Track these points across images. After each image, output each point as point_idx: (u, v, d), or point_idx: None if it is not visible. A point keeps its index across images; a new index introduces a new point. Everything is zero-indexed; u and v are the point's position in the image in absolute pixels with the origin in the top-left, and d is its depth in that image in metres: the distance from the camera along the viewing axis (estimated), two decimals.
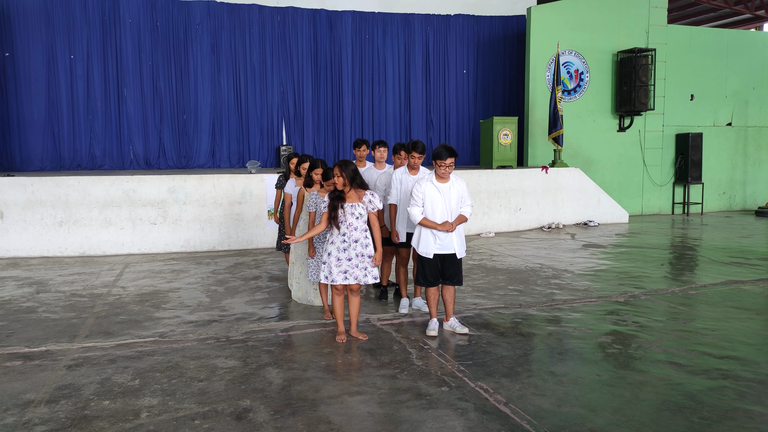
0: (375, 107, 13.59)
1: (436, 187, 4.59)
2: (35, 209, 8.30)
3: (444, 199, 4.56)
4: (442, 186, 4.59)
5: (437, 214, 4.56)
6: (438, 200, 4.56)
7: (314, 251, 5.17)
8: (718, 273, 7.03)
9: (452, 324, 4.79)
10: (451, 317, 4.82)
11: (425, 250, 4.63)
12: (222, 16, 12.41)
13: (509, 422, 3.17)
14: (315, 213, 5.12)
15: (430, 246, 4.61)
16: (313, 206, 5.12)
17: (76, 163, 11.71)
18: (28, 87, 11.35)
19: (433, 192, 4.58)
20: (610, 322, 5.04)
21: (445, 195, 4.57)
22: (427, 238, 4.62)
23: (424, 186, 4.60)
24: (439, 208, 4.56)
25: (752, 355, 4.20)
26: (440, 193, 4.57)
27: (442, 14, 13.91)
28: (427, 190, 4.58)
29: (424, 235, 4.65)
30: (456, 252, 4.64)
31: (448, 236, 4.59)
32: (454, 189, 4.61)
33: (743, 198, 14.68)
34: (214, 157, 12.53)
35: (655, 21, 13.36)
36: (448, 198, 4.58)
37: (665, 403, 3.39)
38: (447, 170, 4.54)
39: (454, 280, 4.72)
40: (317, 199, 5.06)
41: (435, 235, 4.59)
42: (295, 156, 6.38)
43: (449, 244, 4.61)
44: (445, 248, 4.61)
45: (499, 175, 10.72)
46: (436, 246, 4.60)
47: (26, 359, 4.21)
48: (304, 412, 3.33)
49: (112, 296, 6.11)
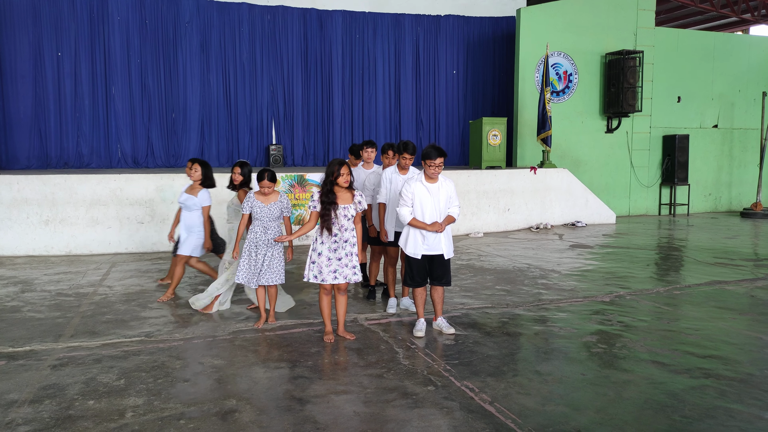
0: (365, 107, 13.59)
1: (425, 187, 4.60)
2: (21, 208, 8.22)
3: (433, 200, 4.58)
4: (432, 186, 4.60)
5: (426, 215, 4.58)
6: (427, 200, 4.57)
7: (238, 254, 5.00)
8: (703, 273, 7.11)
9: (440, 324, 4.80)
10: (439, 317, 4.83)
11: (413, 250, 4.65)
12: (211, 14, 12.36)
13: (494, 421, 3.20)
14: (249, 216, 4.93)
15: (418, 246, 4.63)
16: (247, 208, 4.87)
17: (63, 162, 11.60)
18: (14, 85, 11.23)
19: (422, 192, 4.59)
20: (595, 322, 5.09)
21: (434, 195, 4.59)
22: (415, 239, 4.64)
23: (414, 186, 4.60)
24: (429, 209, 4.58)
25: (734, 354, 4.25)
26: (429, 194, 4.59)
27: (432, 14, 13.94)
28: (416, 191, 4.59)
29: (412, 236, 4.66)
30: (444, 253, 4.66)
31: (436, 237, 4.61)
32: (443, 189, 4.63)
33: (729, 199, 14.84)
34: (203, 156, 12.44)
35: (643, 23, 13.48)
36: (437, 198, 4.59)
37: (648, 402, 3.44)
38: (436, 170, 4.55)
39: (443, 280, 4.74)
40: (253, 202, 4.87)
41: (423, 236, 4.61)
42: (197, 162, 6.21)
43: (437, 244, 4.63)
44: (432, 249, 4.63)
45: (488, 176, 10.77)
46: (423, 247, 4.62)
47: (10, 359, 4.17)
48: (290, 411, 3.33)
49: (99, 295, 6.08)
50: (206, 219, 5.77)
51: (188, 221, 5.71)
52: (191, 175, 5.74)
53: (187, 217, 5.71)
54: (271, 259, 4.87)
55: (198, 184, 5.75)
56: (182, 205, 5.75)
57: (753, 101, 14.64)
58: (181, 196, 5.77)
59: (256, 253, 4.83)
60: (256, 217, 4.83)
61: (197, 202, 5.69)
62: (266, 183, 4.81)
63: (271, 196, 4.89)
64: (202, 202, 5.71)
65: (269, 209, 4.83)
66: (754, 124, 14.63)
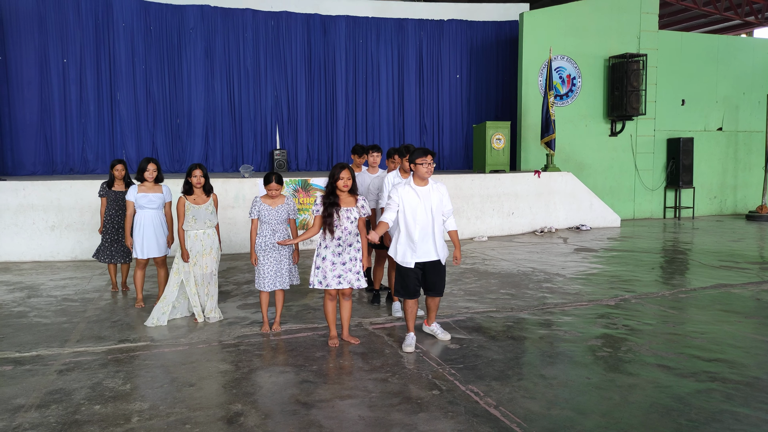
0: (369, 112, 13.64)
1: (414, 191, 4.39)
2: (27, 213, 8.27)
3: (423, 204, 4.37)
4: (421, 189, 4.40)
5: (418, 220, 4.37)
6: (418, 205, 4.36)
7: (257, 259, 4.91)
8: (708, 277, 7.08)
9: (434, 330, 4.70)
10: (433, 323, 4.72)
11: (402, 258, 4.45)
12: (216, 21, 12.44)
13: (499, 425, 3.19)
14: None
15: (407, 255, 4.42)
16: (255, 213, 4.84)
17: (69, 168, 11.68)
18: (20, 91, 11.32)
19: (411, 196, 4.38)
20: (600, 326, 5.08)
21: (424, 199, 4.37)
22: (404, 249, 4.44)
23: (402, 191, 4.39)
24: (420, 213, 4.37)
25: (740, 357, 4.24)
26: (419, 198, 4.37)
27: (435, 19, 13.98)
28: (404, 195, 4.38)
29: (401, 245, 4.46)
30: (440, 258, 4.47)
31: (427, 244, 4.40)
32: (434, 193, 4.43)
33: (734, 202, 14.79)
34: (208, 161, 12.52)
35: (647, 27, 13.48)
36: (428, 202, 4.38)
37: (654, 406, 3.42)
38: (430, 167, 4.33)
39: (437, 290, 4.54)
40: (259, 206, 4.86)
41: (413, 243, 4.39)
42: (119, 162, 6.27)
43: (428, 251, 4.43)
44: (424, 256, 4.42)
45: (492, 180, 10.77)
46: (414, 255, 4.40)
47: (17, 364, 4.19)
48: (295, 415, 3.33)
49: (104, 300, 6.10)
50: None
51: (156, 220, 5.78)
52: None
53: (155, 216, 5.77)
54: (280, 262, 4.88)
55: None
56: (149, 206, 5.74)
57: (757, 104, 14.61)
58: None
59: (265, 256, 4.85)
60: (264, 220, 4.85)
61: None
62: (274, 186, 4.83)
63: (278, 199, 4.91)
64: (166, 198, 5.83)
65: (277, 212, 4.85)
66: (758, 126, 14.60)
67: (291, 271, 4.98)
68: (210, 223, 5.27)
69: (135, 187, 5.71)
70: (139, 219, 5.67)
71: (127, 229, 5.75)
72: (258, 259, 4.86)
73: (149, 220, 5.67)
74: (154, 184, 5.75)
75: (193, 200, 5.21)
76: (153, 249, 5.70)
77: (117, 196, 6.27)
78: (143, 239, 5.66)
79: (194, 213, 5.18)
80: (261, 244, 4.85)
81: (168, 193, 5.82)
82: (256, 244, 4.87)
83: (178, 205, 5.17)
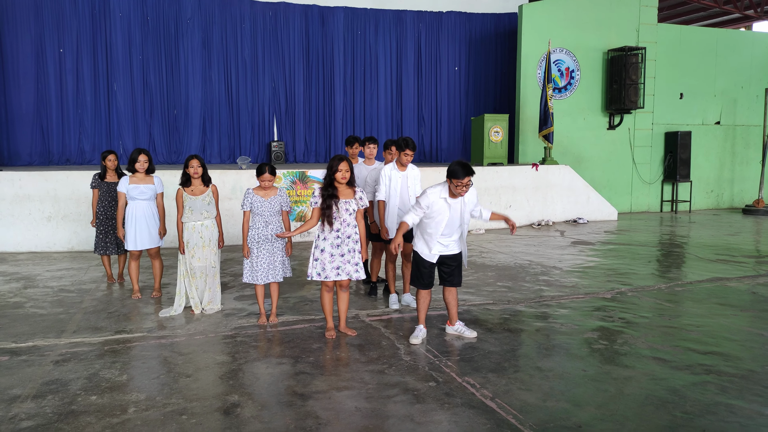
0: (367, 103, 13.58)
1: (448, 204, 4.33)
2: (23, 204, 8.24)
3: (452, 215, 4.34)
4: (454, 201, 4.35)
5: (446, 228, 4.36)
6: (446, 215, 4.32)
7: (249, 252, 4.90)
8: (705, 270, 7.11)
9: (458, 329, 4.62)
10: (456, 322, 4.65)
11: (427, 253, 4.44)
12: (213, 11, 12.35)
13: (495, 416, 3.20)
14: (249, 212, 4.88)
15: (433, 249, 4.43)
16: (247, 205, 4.82)
17: (65, 158, 11.62)
18: (16, 81, 11.25)
19: (443, 208, 4.32)
20: (596, 318, 5.09)
21: (454, 210, 4.34)
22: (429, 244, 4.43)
23: (432, 199, 4.30)
24: (449, 222, 4.34)
25: (735, 350, 4.26)
26: (449, 209, 4.33)
27: (434, 11, 13.91)
28: (435, 205, 4.32)
29: (423, 242, 4.46)
30: (460, 251, 4.49)
31: (451, 241, 4.43)
32: (465, 199, 4.38)
33: (731, 196, 14.83)
34: (205, 152, 12.47)
35: (646, 20, 13.45)
36: (457, 212, 4.36)
37: (649, 398, 3.44)
38: (464, 190, 4.23)
39: (454, 280, 4.53)
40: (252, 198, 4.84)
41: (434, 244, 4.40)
42: (110, 152, 6.27)
43: (452, 248, 4.46)
44: (447, 251, 4.46)
45: (490, 172, 10.76)
46: (439, 248, 4.42)
47: (13, 354, 4.19)
48: (292, 407, 3.34)
49: (101, 291, 6.10)
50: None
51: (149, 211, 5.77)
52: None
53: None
54: (273, 255, 4.88)
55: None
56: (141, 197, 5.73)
57: (755, 98, 14.61)
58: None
59: (258, 249, 4.84)
60: (256, 212, 4.83)
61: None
62: (267, 176, 4.81)
63: (270, 191, 4.89)
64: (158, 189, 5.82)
65: (270, 204, 4.84)
66: (756, 120, 14.61)
67: (284, 264, 4.97)
68: (207, 214, 5.25)
69: (126, 178, 5.69)
70: (131, 210, 5.66)
71: (119, 220, 5.73)
72: (251, 252, 4.85)
73: (141, 211, 5.65)
74: (145, 175, 5.73)
75: (191, 191, 5.20)
76: (145, 240, 5.69)
77: (109, 187, 6.25)
78: (135, 231, 5.65)
79: (191, 204, 5.17)
80: (254, 236, 4.84)
81: (159, 184, 5.80)
82: (249, 237, 4.86)
83: (176, 197, 5.16)
